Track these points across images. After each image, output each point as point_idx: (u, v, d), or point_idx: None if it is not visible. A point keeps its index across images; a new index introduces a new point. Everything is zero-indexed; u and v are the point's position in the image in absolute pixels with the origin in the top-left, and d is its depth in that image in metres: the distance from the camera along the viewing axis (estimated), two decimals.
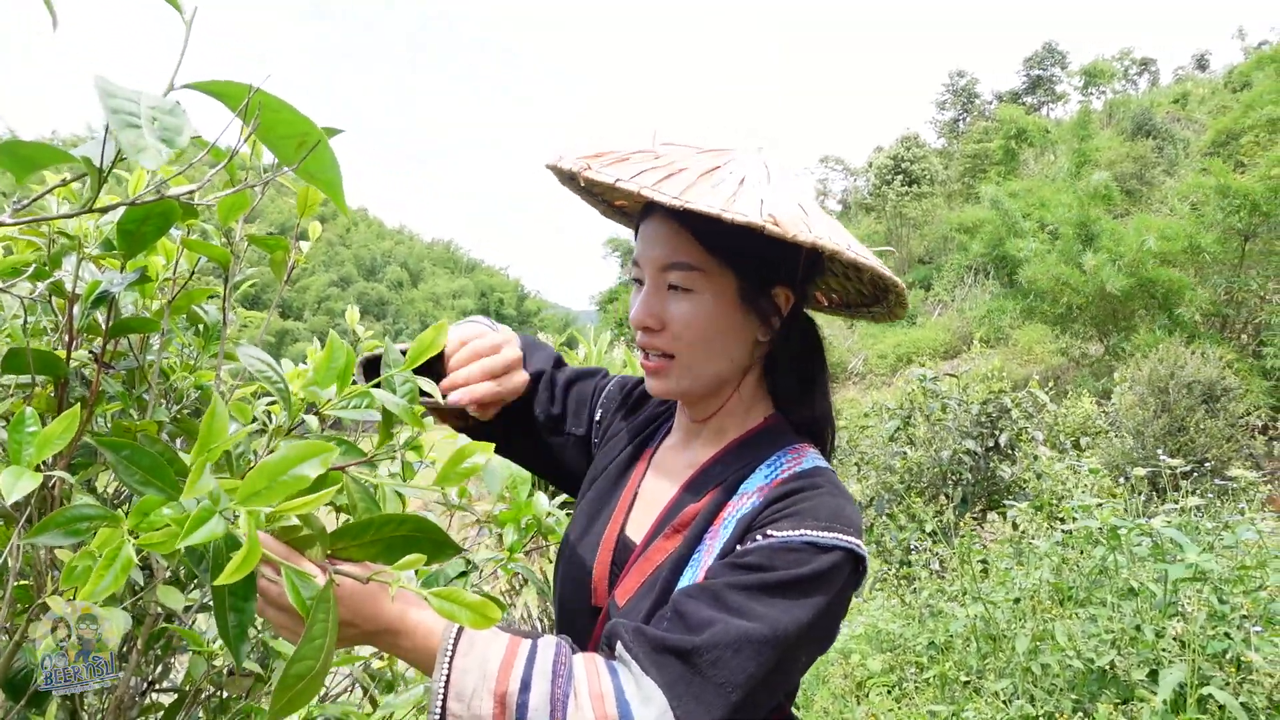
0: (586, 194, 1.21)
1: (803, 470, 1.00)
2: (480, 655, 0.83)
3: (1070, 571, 3.55)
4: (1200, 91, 29.03)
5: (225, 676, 1.40)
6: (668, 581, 0.97)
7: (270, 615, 0.81)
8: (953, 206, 26.15)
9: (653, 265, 1.02)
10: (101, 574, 0.64)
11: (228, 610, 0.71)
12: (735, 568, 0.90)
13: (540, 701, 0.80)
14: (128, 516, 0.66)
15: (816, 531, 0.90)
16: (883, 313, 1.18)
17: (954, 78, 42.38)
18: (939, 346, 16.95)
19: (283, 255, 1.34)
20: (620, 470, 1.17)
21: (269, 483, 0.67)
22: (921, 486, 6.88)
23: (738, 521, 0.97)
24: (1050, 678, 2.96)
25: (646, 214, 1.05)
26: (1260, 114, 14.85)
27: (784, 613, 0.86)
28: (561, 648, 0.87)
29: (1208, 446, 7.92)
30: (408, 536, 0.79)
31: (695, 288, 1.00)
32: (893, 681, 3.82)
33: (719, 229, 0.96)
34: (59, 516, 0.66)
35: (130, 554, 0.64)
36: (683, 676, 0.82)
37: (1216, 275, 12.02)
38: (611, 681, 0.83)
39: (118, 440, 0.67)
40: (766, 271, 1.03)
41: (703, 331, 1.01)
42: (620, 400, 1.28)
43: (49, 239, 1.24)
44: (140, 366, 1.32)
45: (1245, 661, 2.48)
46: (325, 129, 0.82)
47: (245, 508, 0.65)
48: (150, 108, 0.61)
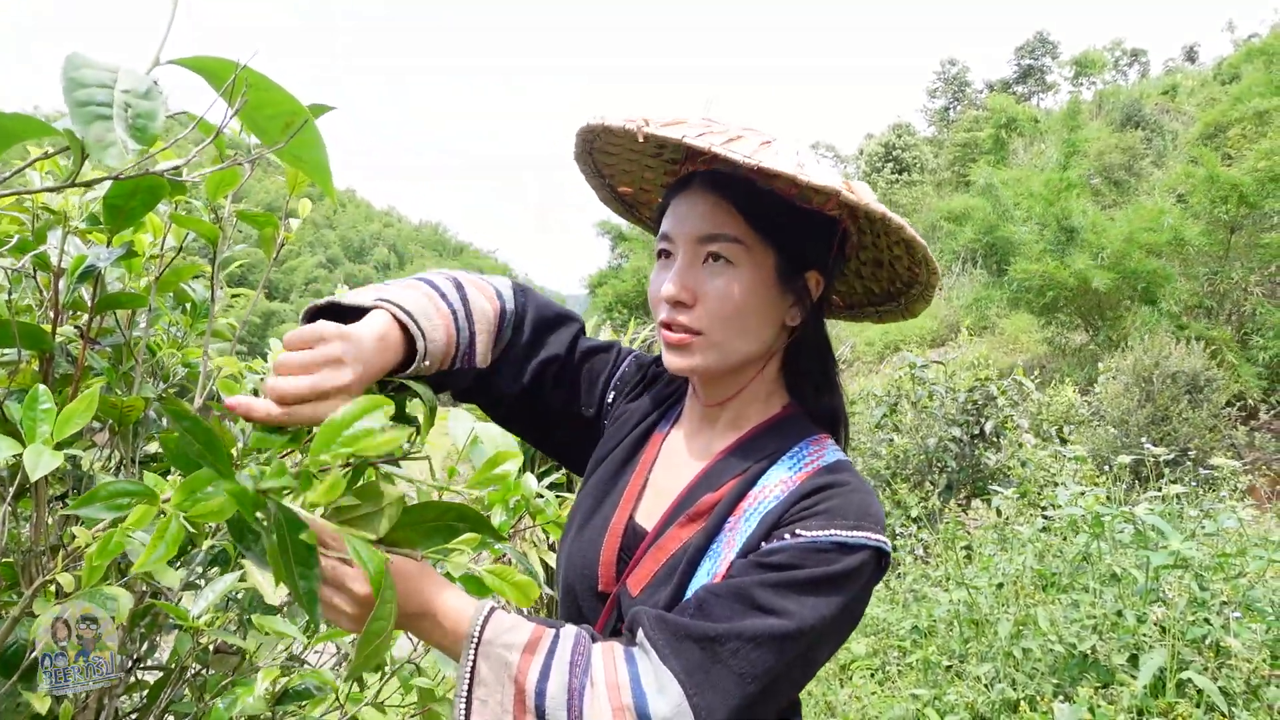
0: (595, 175, 1.19)
1: (827, 465, 1.00)
2: (505, 644, 0.83)
3: (1053, 558, 3.59)
4: (1189, 83, 29.09)
5: (211, 654, 1.40)
6: (685, 572, 0.96)
7: (327, 597, 0.82)
8: (942, 195, 26.17)
9: (690, 237, 1.00)
10: (155, 545, 0.67)
11: (296, 579, 0.73)
12: (762, 566, 0.90)
13: (558, 691, 0.81)
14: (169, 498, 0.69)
15: (845, 531, 0.90)
16: (895, 310, 1.17)
17: (946, 66, 42.32)
18: (926, 334, 16.99)
19: (271, 232, 1.33)
20: (628, 453, 1.14)
21: (337, 438, 0.70)
22: (907, 473, 6.92)
23: (762, 517, 0.95)
24: (1032, 662, 2.99)
25: (682, 187, 1.03)
26: (1248, 106, 14.88)
27: (810, 609, 0.86)
28: (581, 638, 0.87)
29: (1190, 436, 7.99)
30: (450, 524, 0.83)
31: (736, 261, 0.99)
32: (876, 665, 3.85)
33: (762, 205, 0.97)
34: (102, 490, 0.69)
35: (181, 525, 0.67)
36: (701, 665, 0.82)
37: (1201, 267, 12.08)
38: (628, 671, 0.83)
39: (184, 410, 0.69)
40: (803, 253, 1.02)
41: (738, 307, 0.99)
42: (635, 381, 1.23)
43: (32, 213, 1.22)
44: (127, 343, 1.31)
45: (1224, 647, 2.52)
46: (313, 107, 0.81)
47: (318, 467, 0.69)
48: (124, 91, 0.59)
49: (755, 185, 0.98)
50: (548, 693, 0.80)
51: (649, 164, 1.18)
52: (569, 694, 0.80)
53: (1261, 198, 11.06)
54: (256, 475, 0.69)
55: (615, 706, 0.80)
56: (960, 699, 2.96)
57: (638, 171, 1.20)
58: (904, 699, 3.24)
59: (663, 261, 1.04)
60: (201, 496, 0.68)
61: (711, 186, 0.99)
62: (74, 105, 0.57)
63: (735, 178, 0.98)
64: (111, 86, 0.59)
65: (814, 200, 1.00)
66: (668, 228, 1.03)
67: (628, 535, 1.05)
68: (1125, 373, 8.61)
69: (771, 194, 0.98)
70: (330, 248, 55.66)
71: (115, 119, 0.58)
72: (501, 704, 0.81)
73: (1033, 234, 13.35)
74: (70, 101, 0.57)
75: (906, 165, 29.78)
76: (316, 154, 0.73)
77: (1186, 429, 8.00)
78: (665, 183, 1.20)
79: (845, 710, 3.29)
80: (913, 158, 30.09)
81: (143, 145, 0.57)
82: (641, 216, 1.28)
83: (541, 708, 0.80)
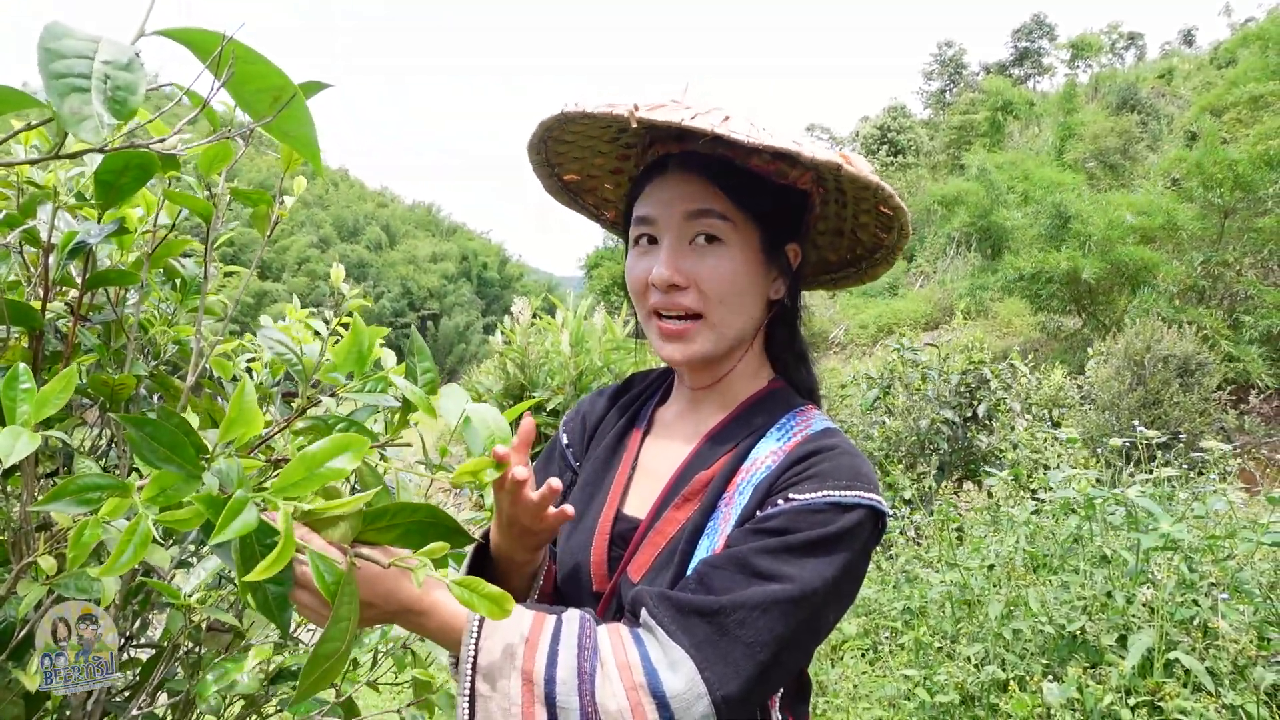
0: (544, 165, 1.17)
1: (815, 431, 1.00)
2: (506, 633, 0.82)
3: (1044, 539, 3.61)
4: (1186, 67, 29.00)
5: (203, 632, 1.40)
6: (685, 553, 0.95)
7: (295, 595, 0.80)
8: (937, 178, 26.12)
9: (677, 218, 0.99)
10: (122, 548, 0.64)
11: (265, 585, 0.72)
12: (759, 533, 0.90)
13: (568, 675, 0.80)
14: (141, 490, 0.66)
15: (839, 491, 0.90)
16: (852, 275, 1.19)
17: (942, 48, 42.08)
18: (920, 318, 17.00)
19: (265, 209, 1.31)
20: (609, 453, 1.14)
21: (306, 474, 0.68)
22: (899, 455, 6.94)
23: (755, 487, 0.95)
24: (1022, 642, 3.01)
25: (658, 171, 1.02)
26: (1244, 91, 14.86)
27: (811, 572, 0.86)
28: (586, 621, 0.86)
29: (1181, 420, 8.03)
30: (424, 522, 0.80)
31: (724, 238, 0.98)
32: (868, 645, 3.88)
33: (742, 182, 0.98)
34: (70, 485, 0.66)
35: (150, 529, 0.64)
36: (709, 638, 0.81)
37: (1194, 251, 12.10)
38: (638, 650, 0.82)
39: (139, 418, 0.67)
40: (784, 226, 1.03)
41: (732, 285, 0.99)
42: (581, 420, 1.23)
43: (17, 187, 1.20)
44: (118, 320, 1.30)
45: (1212, 628, 2.54)
46: (307, 83, 0.79)
47: (283, 498, 0.66)
48: (105, 62, 0.57)
49: (734, 164, 0.98)
50: (557, 679, 0.79)
51: (602, 150, 1.16)
52: (580, 678, 0.79)
53: (1256, 181, 11.06)
54: (225, 475, 0.67)
55: (628, 686, 0.79)
56: (950, 679, 2.98)
57: (588, 158, 1.18)
58: (895, 679, 3.27)
59: (642, 247, 1.03)
60: (173, 493, 0.66)
61: (690, 167, 0.99)
62: (50, 77, 0.54)
63: (713, 157, 0.98)
64: (91, 58, 0.57)
65: (790, 175, 1.01)
66: (649, 210, 1.01)
67: (616, 531, 1.04)
68: (1116, 356, 8.63)
69: (749, 171, 0.99)
70: (323, 227, 55.35)
71: (93, 92, 0.55)
72: (508, 695, 0.79)
73: (1027, 219, 13.34)
74: (46, 73, 0.54)
75: (902, 148, 29.68)
76: (305, 129, 0.71)
77: (1177, 412, 8.03)
78: (615, 168, 1.19)
79: (836, 689, 3.31)
80: (908, 140, 29.99)
81: (121, 120, 0.55)
82: (585, 204, 1.26)
83: (552, 695, 0.79)
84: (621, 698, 0.78)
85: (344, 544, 0.76)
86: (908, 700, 3.10)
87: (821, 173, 1.03)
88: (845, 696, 3.24)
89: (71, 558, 0.67)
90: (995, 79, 30.81)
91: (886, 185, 0.95)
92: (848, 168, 0.92)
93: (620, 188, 1.22)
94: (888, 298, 19.55)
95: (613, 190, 1.24)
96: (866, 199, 1.04)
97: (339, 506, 0.69)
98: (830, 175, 1.02)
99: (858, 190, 1.03)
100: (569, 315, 7.91)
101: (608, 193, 1.24)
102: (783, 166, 1.00)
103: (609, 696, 0.78)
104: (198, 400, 1.35)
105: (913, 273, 21.95)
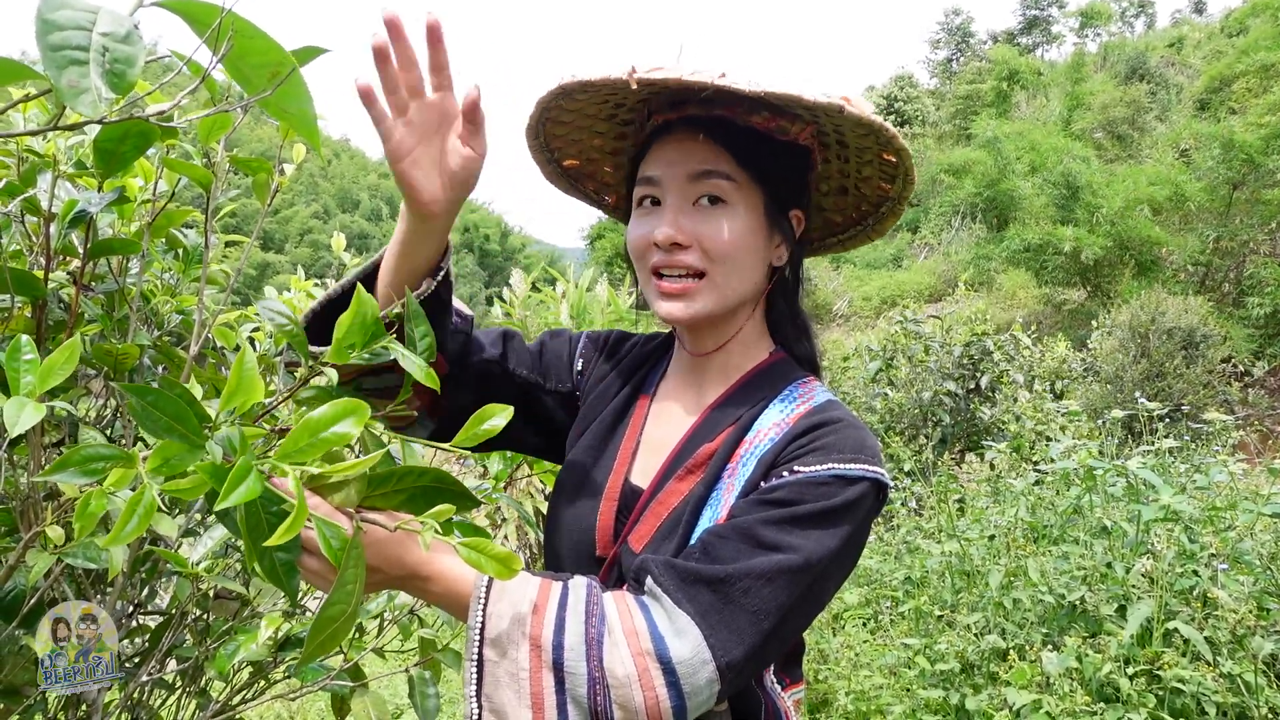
0: (542, 150, 1.16)
1: (818, 404, 1.00)
2: (513, 600, 0.83)
3: (1045, 510, 3.62)
4: (1196, 36, 28.66)
5: (211, 600, 1.41)
6: (689, 524, 0.96)
7: (301, 561, 0.80)
8: (943, 148, 25.91)
9: (681, 178, 0.99)
10: (127, 518, 0.64)
11: (272, 551, 0.72)
12: (764, 504, 0.90)
13: (576, 642, 0.80)
14: (145, 460, 0.66)
15: (843, 464, 0.91)
16: (860, 234, 1.18)
17: (949, 16, 41.60)
18: (924, 289, 16.96)
19: (265, 178, 1.31)
20: (616, 416, 1.14)
21: (310, 439, 0.68)
22: (901, 427, 6.96)
23: (758, 460, 0.96)
24: (1022, 612, 3.04)
25: (664, 133, 1.02)
26: (1254, 59, 14.70)
27: (815, 543, 0.87)
28: (593, 588, 0.87)
29: (1184, 392, 8.03)
30: (429, 487, 0.80)
31: (729, 199, 0.99)
32: (869, 614, 3.91)
33: (746, 141, 0.98)
34: (75, 455, 0.66)
35: (154, 498, 0.64)
36: (714, 605, 0.82)
37: (1203, 225, 12.02)
38: (644, 616, 0.83)
39: (142, 387, 0.66)
40: (788, 189, 1.03)
41: (735, 245, 0.99)
42: (597, 350, 1.24)
43: (17, 156, 1.20)
44: (120, 289, 1.30)
45: (1211, 598, 2.55)
46: (303, 49, 0.78)
47: (290, 464, 0.66)
48: (103, 34, 0.56)
49: (735, 123, 0.98)
50: (566, 645, 0.80)
51: (600, 129, 1.15)
52: (587, 644, 0.80)
53: (1265, 154, 10.98)
54: (229, 442, 0.67)
55: (635, 652, 0.80)
56: (950, 648, 3.01)
57: (586, 140, 1.17)
58: (895, 647, 3.30)
59: (645, 208, 1.03)
60: (177, 463, 0.65)
61: (698, 127, 0.99)
62: (47, 49, 0.53)
63: (713, 117, 0.98)
64: (89, 29, 0.56)
65: (791, 131, 1.01)
66: (653, 171, 1.01)
67: (624, 497, 1.05)
68: (1121, 328, 8.62)
69: (751, 129, 0.99)
70: (323, 198, 55.15)
71: (91, 64, 0.54)
72: (516, 661, 0.80)
73: (1035, 189, 13.25)
74: (44, 45, 0.54)
75: (908, 118, 29.44)
76: (303, 106, 0.70)
77: (1181, 385, 8.04)
78: (613, 148, 1.18)
79: (837, 658, 3.34)
80: (914, 110, 29.74)
81: (119, 93, 0.54)
82: (585, 190, 1.25)
83: (560, 661, 0.79)
84: (629, 663, 0.79)
85: (349, 508, 0.77)
86: (908, 668, 3.13)
87: (823, 125, 1.03)
88: (846, 664, 3.27)
89: (79, 528, 0.67)
90: (1002, 48, 30.49)
91: (889, 125, 0.95)
92: (850, 109, 0.92)
93: (620, 170, 1.21)
94: (891, 269, 19.50)
95: (612, 174, 1.23)
96: (869, 148, 1.03)
97: (344, 470, 0.69)
98: (831, 125, 1.02)
99: (860, 138, 1.02)
100: (569, 287, 7.88)
101: (607, 176, 1.23)
102: (783, 123, 1.00)
103: (616, 662, 0.79)
104: (201, 370, 1.35)
105: (917, 245, 21.87)
